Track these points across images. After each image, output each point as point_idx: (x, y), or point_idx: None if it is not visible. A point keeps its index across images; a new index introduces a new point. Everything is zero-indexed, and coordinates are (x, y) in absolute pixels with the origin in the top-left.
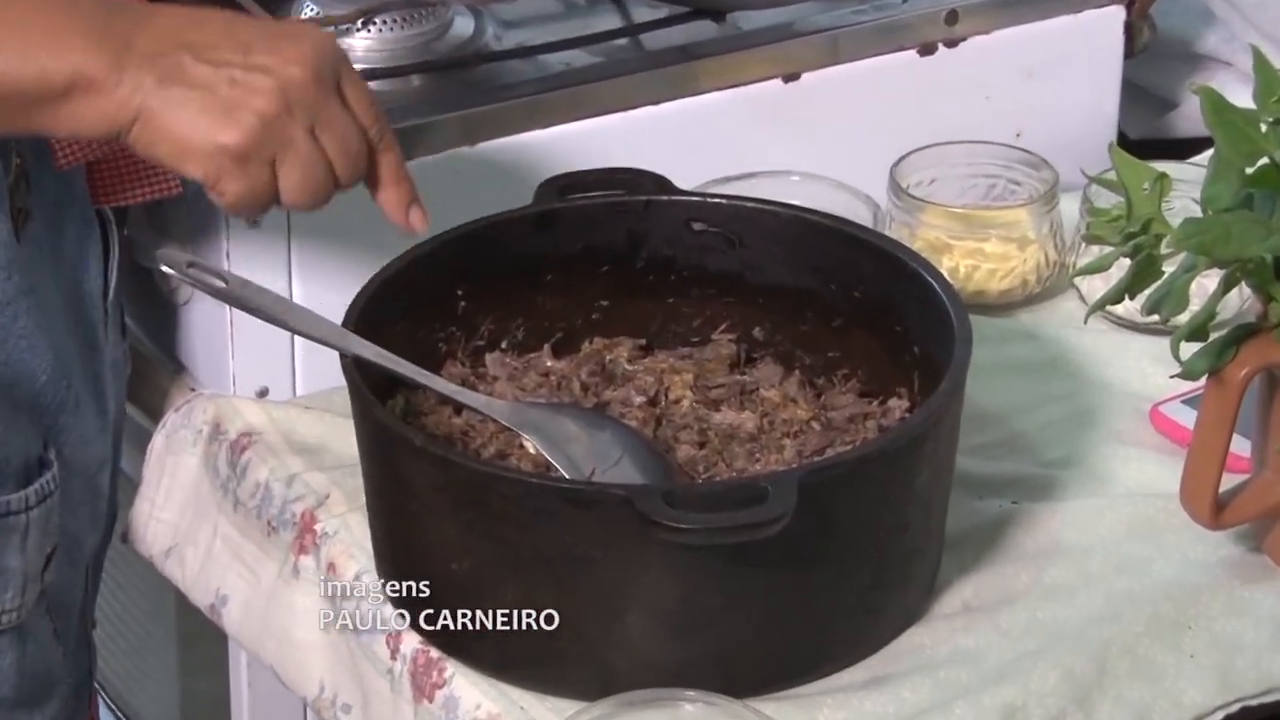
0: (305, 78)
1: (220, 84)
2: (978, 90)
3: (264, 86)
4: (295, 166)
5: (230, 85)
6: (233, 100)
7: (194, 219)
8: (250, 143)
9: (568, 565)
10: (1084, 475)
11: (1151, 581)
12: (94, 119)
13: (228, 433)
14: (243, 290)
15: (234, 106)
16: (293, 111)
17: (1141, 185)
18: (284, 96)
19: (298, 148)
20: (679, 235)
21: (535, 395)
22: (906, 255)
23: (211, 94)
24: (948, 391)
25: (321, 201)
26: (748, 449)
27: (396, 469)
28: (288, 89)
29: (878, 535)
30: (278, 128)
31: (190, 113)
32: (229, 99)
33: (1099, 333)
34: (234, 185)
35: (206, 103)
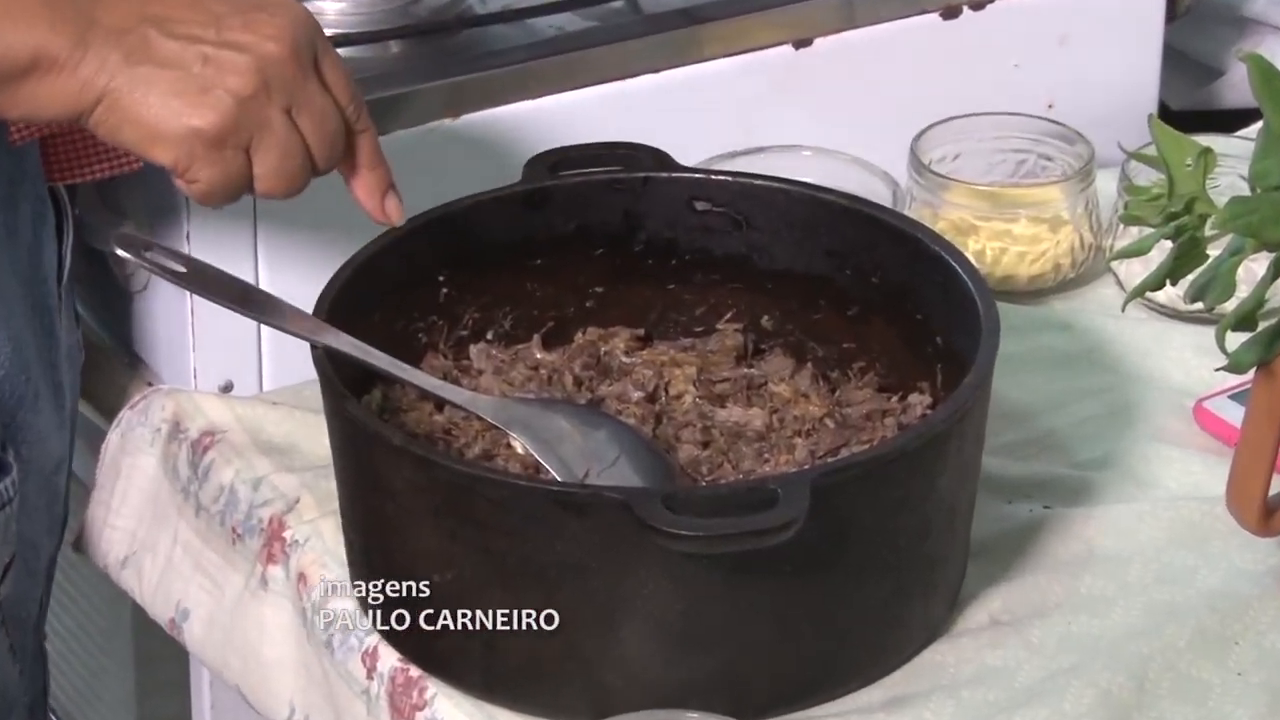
0: (283, 54)
1: (192, 62)
2: (1006, 57)
3: (239, 64)
4: (272, 150)
5: (203, 63)
6: (205, 80)
7: (151, 197)
8: (225, 126)
9: (559, 575)
10: (1122, 477)
11: (1195, 592)
12: (54, 101)
13: (189, 431)
14: (205, 275)
15: (207, 87)
16: (269, 92)
17: (1184, 161)
18: (260, 75)
19: (275, 130)
20: (680, 216)
21: (524, 390)
22: (928, 237)
23: (182, 73)
24: (973, 386)
25: (298, 189)
26: (755, 449)
27: (373, 471)
28: (264, 67)
29: (897, 543)
30: (254, 109)
31: (159, 94)
32: (201, 78)
33: (1138, 322)
34: (206, 172)
35: (177, 83)
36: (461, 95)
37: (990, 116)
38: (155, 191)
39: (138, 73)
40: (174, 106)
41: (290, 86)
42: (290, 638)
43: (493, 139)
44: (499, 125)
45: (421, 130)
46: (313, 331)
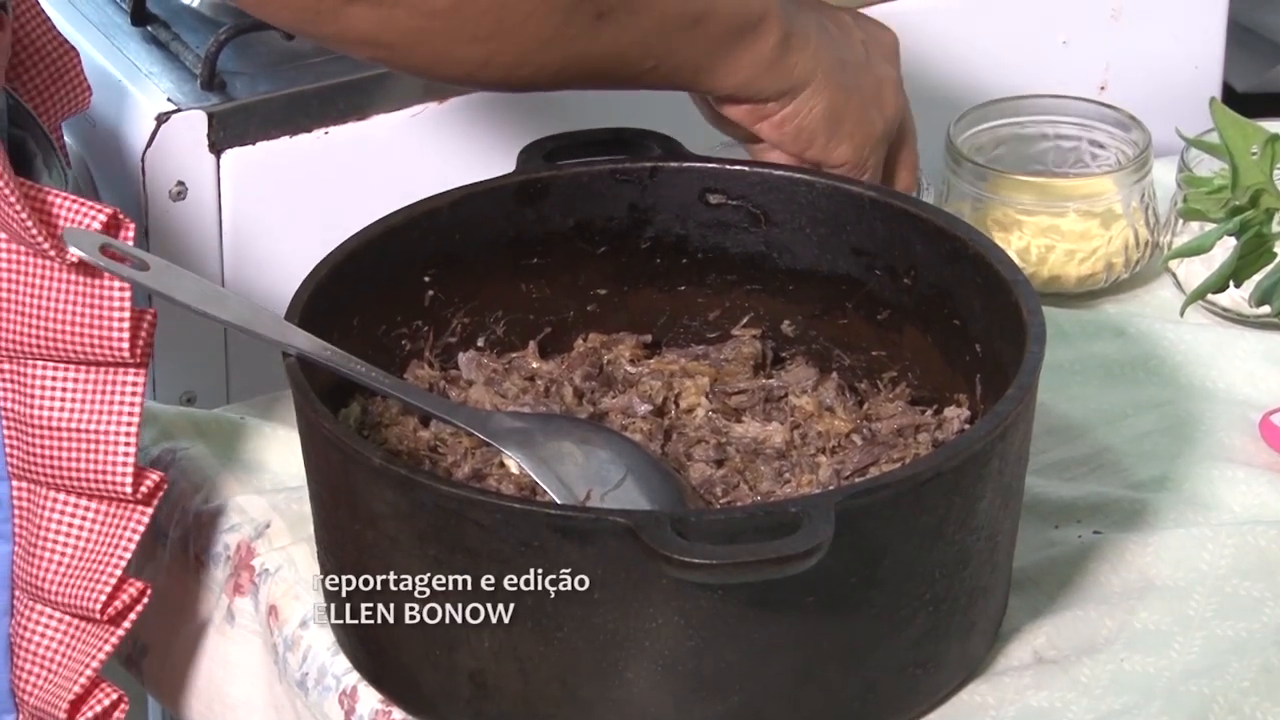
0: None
1: (858, 50)
2: (1053, 33)
3: (888, 48)
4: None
5: (865, 54)
6: (876, 74)
7: (106, 192)
8: (895, 122)
9: (558, 609)
10: (1181, 499)
11: (1261, 627)
12: (762, 62)
13: (147, 449)
14: (166, 276)
15: (880, 81)
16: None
17: (1249, 149)
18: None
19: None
20: (692, 209)
21: (518, 403)
22: (967, 234)
23: (861, 69)
24: (1016, 398)
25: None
26: (775, 468)
27: (351, 492)
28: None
29: (932, 573)
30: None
31: (859, 99)
32: (871, 72)
33: (1199, 327)
34: (874, 161)
35: (860, 79)
36: None
37: (1036, 99)
38: (110, 185)
39: (832, 65)
40: (870, 114)
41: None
42: (259, 677)
43: (483, 124)
44: (490, 109)
45: (405, 115)
46: (284, 337)
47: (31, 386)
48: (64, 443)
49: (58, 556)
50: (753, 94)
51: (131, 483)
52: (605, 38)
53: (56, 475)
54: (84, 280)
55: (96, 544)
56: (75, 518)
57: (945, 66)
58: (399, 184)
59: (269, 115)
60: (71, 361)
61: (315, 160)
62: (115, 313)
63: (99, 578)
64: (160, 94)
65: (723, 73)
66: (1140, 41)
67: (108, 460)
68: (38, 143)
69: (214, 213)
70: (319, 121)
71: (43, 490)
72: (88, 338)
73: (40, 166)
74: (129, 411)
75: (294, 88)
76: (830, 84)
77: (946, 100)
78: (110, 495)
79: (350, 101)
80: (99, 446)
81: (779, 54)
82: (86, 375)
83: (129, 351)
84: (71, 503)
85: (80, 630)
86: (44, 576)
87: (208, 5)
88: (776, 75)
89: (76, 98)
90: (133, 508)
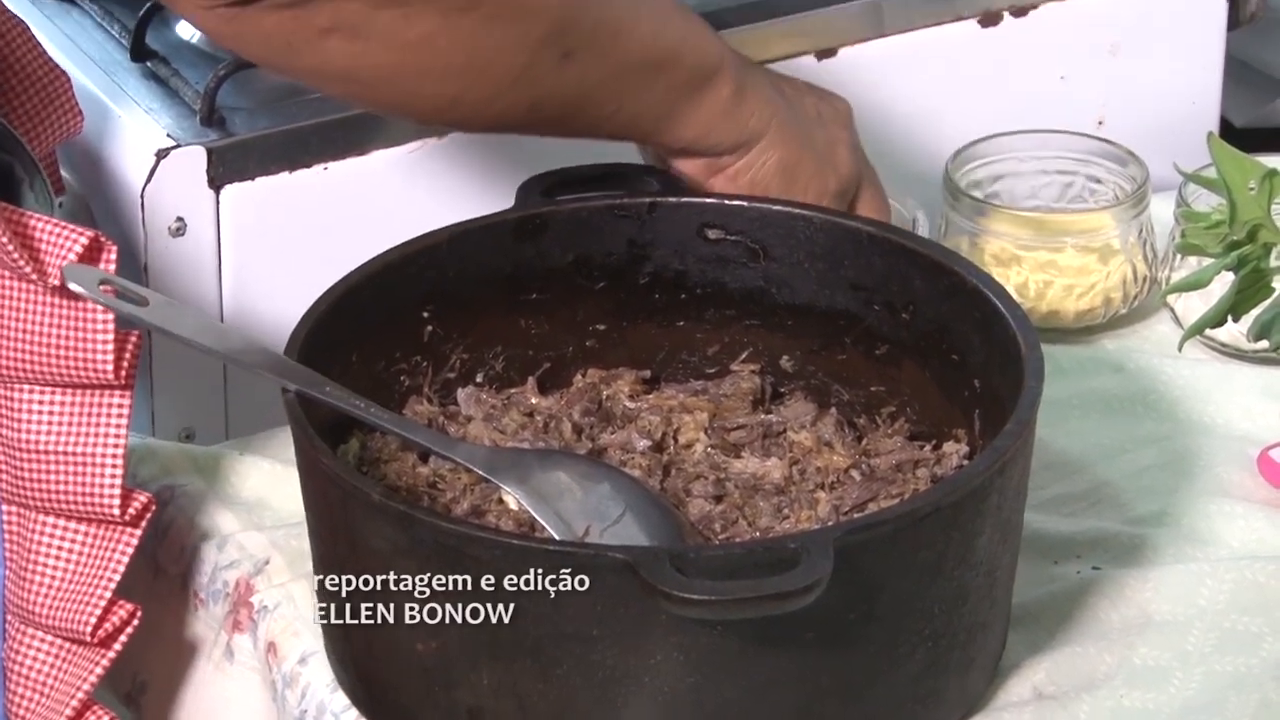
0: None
1: (811, 111)
2: (1051, 68)
3: (841, 114)
4: (874, 194)
5: (817, 115)
6: (829, 134)
7: (104, 227)
8: (852, 180)
9: (557, 645)
10: (1179, 535)
11: (1260, 662)
12: (720, 116)
13: (145, 484)
14: (165, 312)
15: (833, 141)
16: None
17: (1247, 183)
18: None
19: (872, 178)
20: (691, 245)
21: (517, 439)
22: (965, 269)
23: (813, 125)
24: (1015, 434)
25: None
26: (774, 504)
27: (350, 529)
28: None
29: (931, 608)
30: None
31: (814, 155)
32: (825, 131)
33: (1197, 362)
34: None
35: (815, 135)
36: None
37: (1033, 134)
38: (110, 220)
39: (785, 119)
40: (824, 170)
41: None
42: (258, 713)
43: (482, 160)
44: (489, 145)
45: (403, 150)
46: (283, 373)
47: (18, 410)
48: (52, 466)
49: (48, 579)
50: (709, 146)
51: (119, 504)
52: (571, 78)
53: (45, 498)
54: (67, 304)
55: (86, 566)
56: (65, 541)
57: (943, 102)
58: (398, 219)
59: (268, 151)
60: (57, 384)
61: (314, 196)
62: (99, 335)
63: (89, 600)
64: (160, 130)
65: (681, 123)
66: (1138, 77)
67: (95, 482)
68: (24, 168)
69: (213, 248)
70: (318, 157)
71: (32, 514)
72: (72, 360)
73: (26, 191)
74: (115, 433)
75: (293, 123)
76: (784, 138)
77: (944, 135)
78: (99, 517)
79: (349, 137)
80: (86, 469)
81: (733, 104)
82: (72, 398)
83: (113, 374)
84: (61, 526)
85: (71, 653)
86: (35, 599)
87: (207, 41)
88: (732, 126)
89: (67, 123)
90: (121, 529)
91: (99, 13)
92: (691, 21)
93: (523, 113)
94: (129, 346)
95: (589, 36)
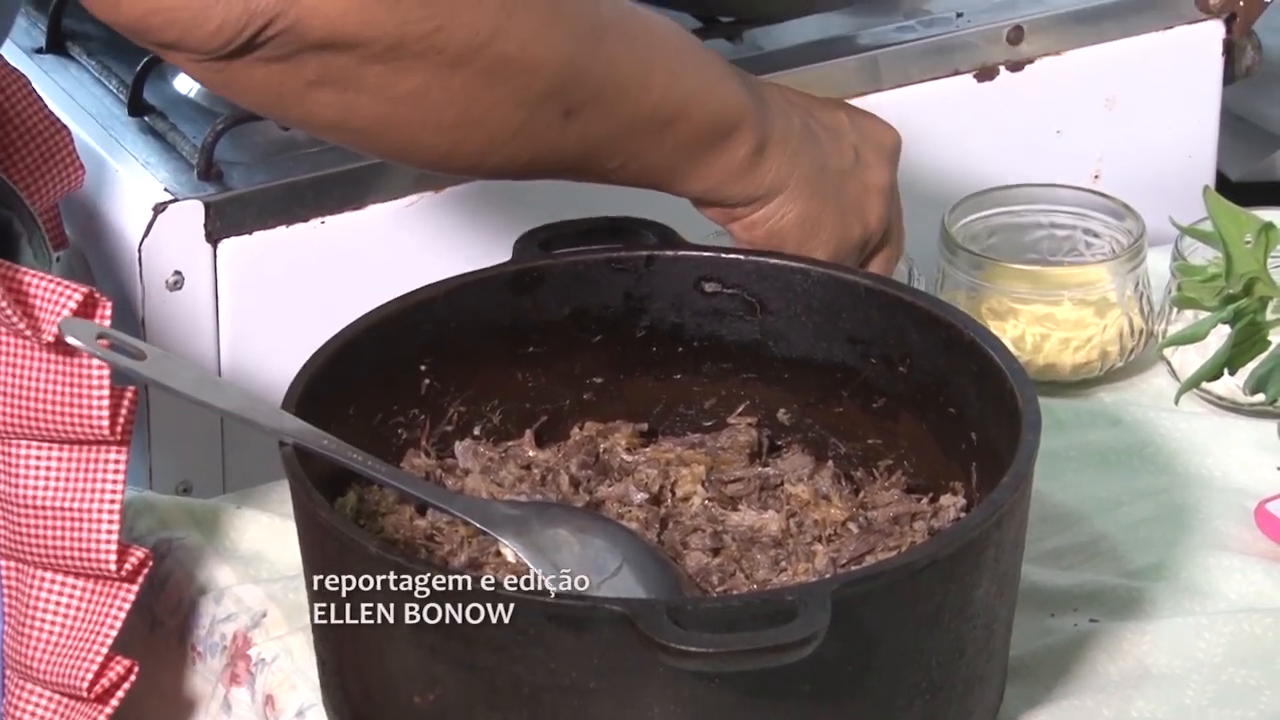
0: (896, 144)
1: (848, 155)
2: (1047, 122)
3: (882, 157)
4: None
5: (855, 159)
6: (862, 181)
7: (101, 280)
8: (877, 230)
9: (554, 698)
10: (1177, 588)
11: (1258, 715)
12: (737, 174)
13: (143, 538)
14: (163, 366)
15: (865, 188)
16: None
17: (1243, 237)
18: (893, 167)
19: (896, 228)
20: (688, 298)
21: (515, 492)
22: (962, 322)
23: (846, 174)
24: (1012, 486)
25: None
26: (771, 556)
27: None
28: (894, 158)
29: (929, 661)
30: (891, 206)
31: (835, 206)
32: (858, 179)
33: (1194, 415)
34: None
35: (843, 186)
36: None
37: (1030, 188)
38: (107, 274)
39: (809, 172)
40: (848, 221)
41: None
42: None
43: (479, 214)
44: (486, 199)
45: (401, 204)
46: (281, 426)
47: (15, 465)
48: (48, 521)
49: (45, 634)
50: (721, 199)
51: (115, 560)
52: (573, 134)
53: (42, 554)
54: (62, 359)
55: (83, 622)
56: (62, 596)
57: (940, 155)
58: (395, 273)
59: (266, 205)
60: (54, 440)
61: (312, 250)
62: (95, 391)
63: (86, 655)
64: (157, 184)
65: (692, 177)
66: (1134, 131)
67: (91, 538)
68: (23, 222)
69: (211, 302)
70: (315, 211)
71: (31, 568)
72: (68, 416)
73: (25, 247)
74: (111, 489)
75: (290, 178)
76: (805, 191)
77: (941, 189)
78: (95, 573)
79: (346, 191)
80: (83, 524)
81: (751, 163)
82: (69, 454)
83: (109, 430)
84: (59, 581)
85: (68, 708)
86: (33, 654)
87: (204, 95)
88: (746, 183)
89: (69, 177)
90: (118, 585)
91: (96, 67)
92: (711, 74)
93: (523, 165)
94: (125, 402)
95: (594, 94)
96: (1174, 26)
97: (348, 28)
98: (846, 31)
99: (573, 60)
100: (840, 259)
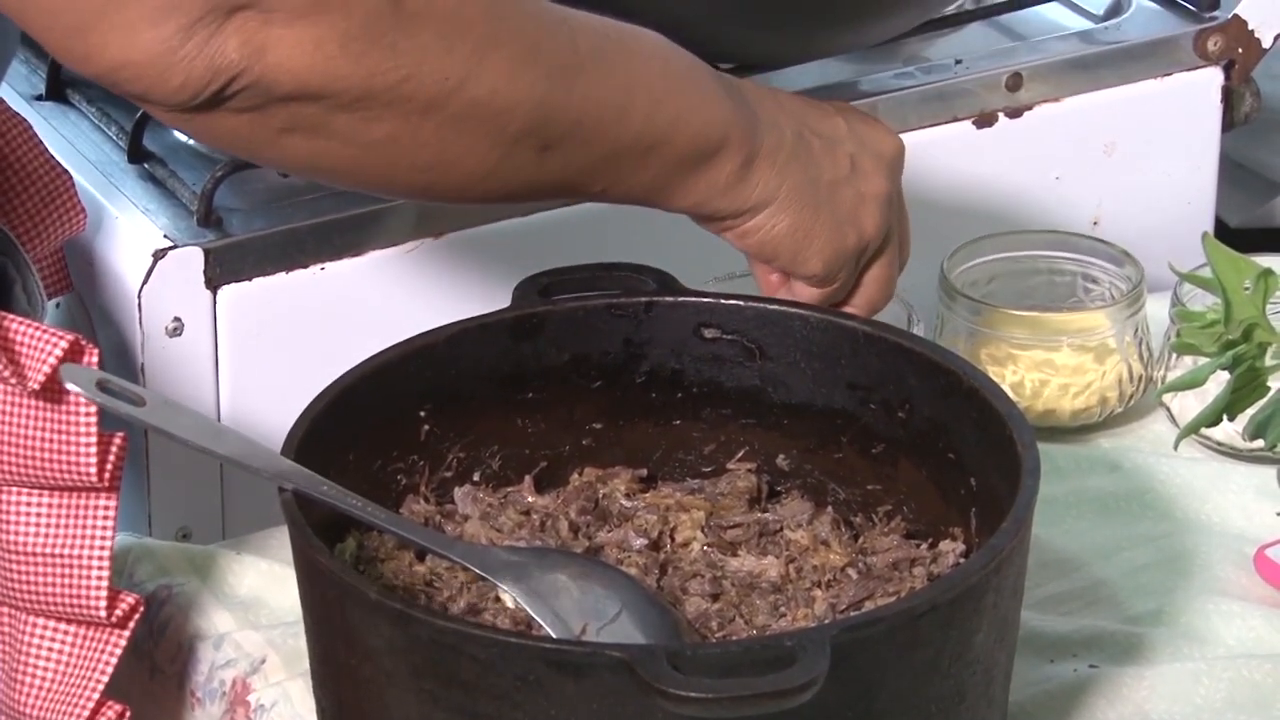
0: (899, 152)
1: (843, 164)
2: (1047, 168)
3: (880, 164)
4: (893, 252)
5: (851, 168)
6: (857, 188)
7: (100, 326)
8: (876, 236)
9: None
10: (1176, 633)
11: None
12: (721, 190)
13: (143, 584)
14: (162, 412)
15: (860, 196)
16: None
17: (1242, 283)
18: (893, 174)
19: (894, 234)
20: (687, 344)
21: (514, 538)
22: (961, 368)
23: (839, 182)
24: (1011, 532)
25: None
26: (770, 602)
27: (347, 627)
28: (894, 165)
29: (928, 707)
30: (890, 213)
31: (828, 217)
32: (853, 187)
33: (1193, 461)
34: (844, 275)
35: (836, 195)
36: (444, 211)
37: (1029, 234)
38: (106, 321)
39: (799, 183)
40: (843, 230)
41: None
42: None
43: (478, 260)
44: (485, 245)
45: (400, 250)
46: (280, 473)
47: (5, 512)
48: (39, 568)
49: (38, 680)
50: (709, 213)
51: (106, 606)
52: (552, 167)
53: (34, 600)
54: (50, 406)
55: (75, 668)
56: (55, 642)
57: (939, 201)
58: (395, 319)
59: (265, 251)
60: (43, 487)
61: (311, 296)
62: (82, 439)
63: (78, 701)
64: (157, 230)
65: (678, 195)
66: (1133, 177)
67: (81, 584)
68: (17, 268)
69: (210, 349)
70: (315, 258)
71: (23, 614)
72: (56, 463)
73: (19, 294)
74: (101, 536)
75: (290, 224)
76: (795, 203)
77: (940, 235)
78: (86, 619)
79: (346, 238)
80: (73, 571)
81: (738, 178)
82: (58, 500)
83: (97, 476)
84: (50, 627)
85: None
86: (25, 701)
87: None
88: (733, 198)
89: (71, 220)
90: (109, 631)
91: (96, 114)
92: (696, 94)
93: (504, 195)
94: (113, 449)
95: (570, 129)
96: (1173, 74)
97: (313, 81)
98: (846, 78)
99: (546, 100)
100: (836, 268)
